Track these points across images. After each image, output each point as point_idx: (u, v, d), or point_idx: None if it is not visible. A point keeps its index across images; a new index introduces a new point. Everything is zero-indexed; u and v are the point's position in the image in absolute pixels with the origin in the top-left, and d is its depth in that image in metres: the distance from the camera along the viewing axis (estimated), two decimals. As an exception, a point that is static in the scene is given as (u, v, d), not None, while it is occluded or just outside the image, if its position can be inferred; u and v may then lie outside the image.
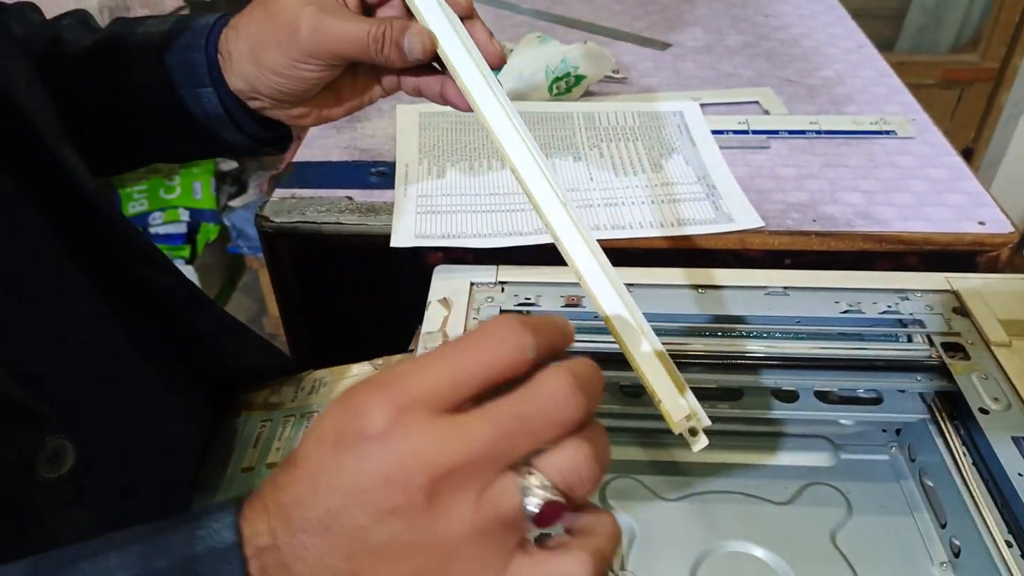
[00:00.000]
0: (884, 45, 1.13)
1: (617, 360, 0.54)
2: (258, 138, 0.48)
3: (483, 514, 0.24)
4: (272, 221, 0.62)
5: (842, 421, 0.58)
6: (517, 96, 0.78)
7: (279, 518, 0.25)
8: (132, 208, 1.86)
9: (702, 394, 0.55)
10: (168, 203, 1.88)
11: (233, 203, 1.90)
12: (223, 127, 0.46)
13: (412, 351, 0.54)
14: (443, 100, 0.46)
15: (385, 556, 0.24)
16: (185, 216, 1.87)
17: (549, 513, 0.25)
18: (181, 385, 0.50)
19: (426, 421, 0.24)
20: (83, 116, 0.47)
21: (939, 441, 0.52)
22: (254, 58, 0.44)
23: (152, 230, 1.84)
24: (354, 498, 0.24)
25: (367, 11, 0.46)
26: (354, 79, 0.48)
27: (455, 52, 0.43)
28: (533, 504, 0.24)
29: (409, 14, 0.44)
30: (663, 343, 0.54)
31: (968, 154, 2.21)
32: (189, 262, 1.83)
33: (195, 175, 1.91)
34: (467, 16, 0.44)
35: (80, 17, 0.52)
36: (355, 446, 0.24)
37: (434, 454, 0.24)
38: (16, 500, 0.35)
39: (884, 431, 0.58)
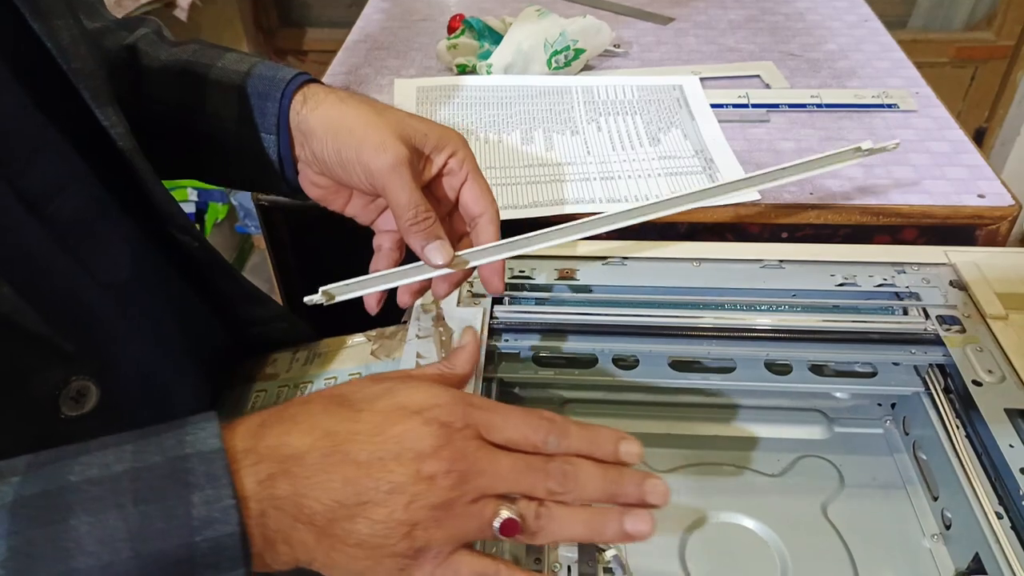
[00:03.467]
0: (897, 23, 1.12)
1: (613, 333, 0.54)
2: (295, 189, 0.52)
3: (473, 509, 0.33)
4: (268, 195, 0.62)
5: (836, 394, 0.58)
6: (516, 70, 0.78)
7: (317, 438, 0.32)
8: (141, 188, 1.88)
9: (695, 367, 0.55)
10: (177, 184, 1.88)
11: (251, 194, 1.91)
12: (272, 172, 0.50)
13: (405, 323, 0.54)
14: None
15: (393, 502, 0.32)
16: (193, 196, 1.87)
17: (508, 528, 0.34)
18: (206, 345, 0.53)
19: (478, 437, 0.34)
20: (149, 123, 0.50)
21: (933, 414, 0.52)
22: (326, 139, 0.46)
23: (161, 210, 1.85)
24: (409, 456, 0.32)
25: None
26: (365, 203, 0.51)
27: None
28: (498, 521, 0.34)
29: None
30: (658, 315, 0.55)
31: (981, 134, 2.18)
32: (197, 242, 1.84)
33: (203, 155, 1.91)
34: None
35: (155, 28, 0.54)
36: (432, 425, 0.33)
37: (477, 460, 0.34)
38: (39, 435, 0.37)
39: (879, 405, 0.57)
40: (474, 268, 0.47)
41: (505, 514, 0.34)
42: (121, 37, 0.53)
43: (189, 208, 1.87)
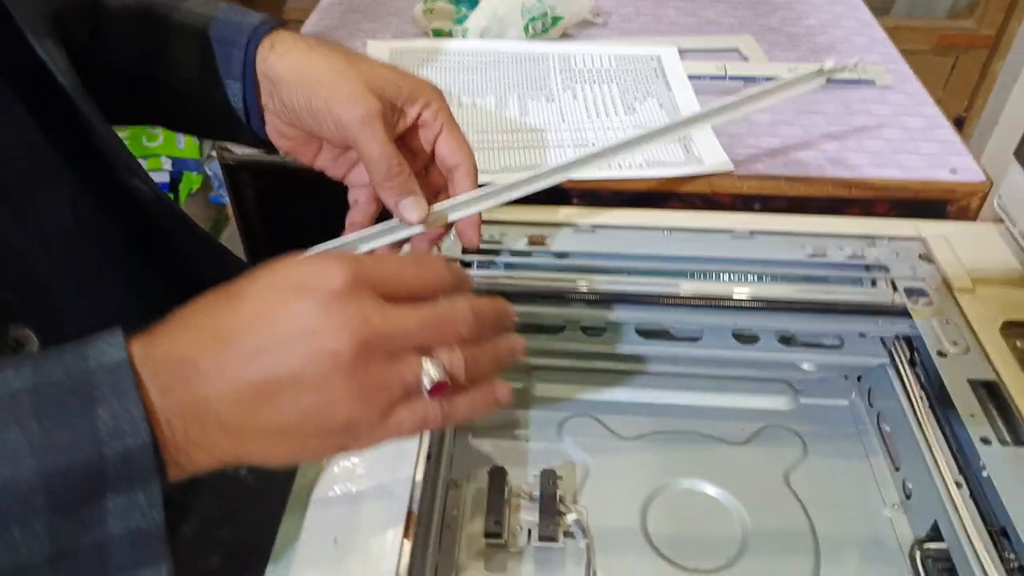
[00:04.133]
0: (880, 9, 1.12)
1: (580, 300, 0.54)
2: (261, 139, 0.50)
3: (392, 373, 0.32)
4: (233, 152, 0.61)
5: (803, 366, 0.57)
6: (491, 34, 0.76)
7: (204, 337, 0.30)
8: (114, 156, 1.84)
9: (661, 335, 0.55)
10: (151, 151, 1.85)
11: (216, 153, 1.88)
12: (236, 120, 0.48)
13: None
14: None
15: (299, 386, 0.30)
16: (168, 165, 1.84)
17: (438, 388, 0.33)
18: (157, 298, 0.50)
19: (374, 298, 0.31)
20: (109, 69, 0.48)
21: (897, 385, 0.52)
22: (295, 88, 0.45)
23: (134, 179, 1.82)
24: (301, 337, 0.30)
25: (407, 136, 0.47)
26: (335, 155, 0.49)
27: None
28: (427, 380, 0.32)
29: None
30: (627, 282, 0.54)
31: (960, 123, 2.19)
32: (171, 212, 1.82)
33: (178, 124, 1.88)
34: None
35: None
36: (316, 296, 0.30)
37: (377, 322, 0.31)
38: None
39: (845, 378, 0.58)
40: (452, 223, 0.46)
41: (432, 371, 0.32)
42: None
43: (163, 178, 1.84)
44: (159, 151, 1.85)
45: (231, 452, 0.31)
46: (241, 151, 0.61)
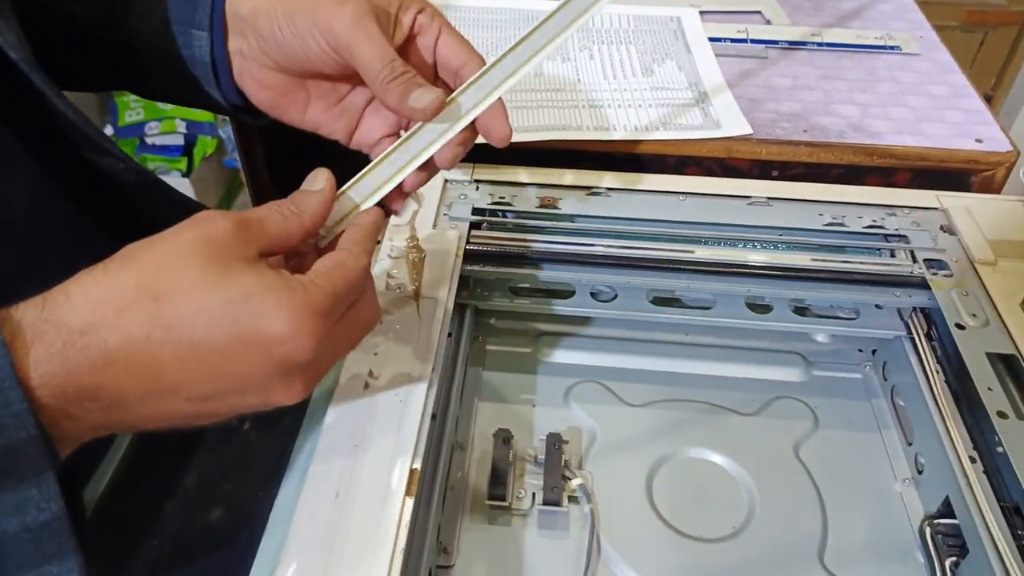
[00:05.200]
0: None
1: (592, 263, 0.53)
2: (233, 101, 0.45)
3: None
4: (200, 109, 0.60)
5: (817, 337, 0.57)
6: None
7: (136, 376, 0.28)
8: (128, 117, 1.84)
9: (673, 302, 0.54)
10: (164, 114, 1.85)
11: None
12: (205, 78, 0.43)
13: (378, 242, 0.52)
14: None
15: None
16: (182, 128, 1.84)
17: None
18: None
19: (317, 341, 0.31)
20: (74, 27, 0.45)
21: (913, 358, 0.51)
22: (273, 13, 0.40)
23: (149, 140, 1.81)
24: (248, 390, 0.30)
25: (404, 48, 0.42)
26: (328, 105, 0.44)
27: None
28: None
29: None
30: (639, 247, 0.53)
31: (988, 100, 2.15)
32: (185, 175, 1.81)
33: (192, 86, 1.87)
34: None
35: None
36: (266, 355, 0.30)
37: (321, 371, 0.33)
38: None
39: (860, 351, 0.57)
40: (470, 123, 0.41)
41: None
42: None
43: (177, 140, 1.83)
44: (173, 114, 1.84)
45: (146, 415, 0.30)
46: (250, 106, 0.60)
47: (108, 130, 1.79)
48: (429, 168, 0.41)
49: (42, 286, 0.29)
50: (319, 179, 0.36)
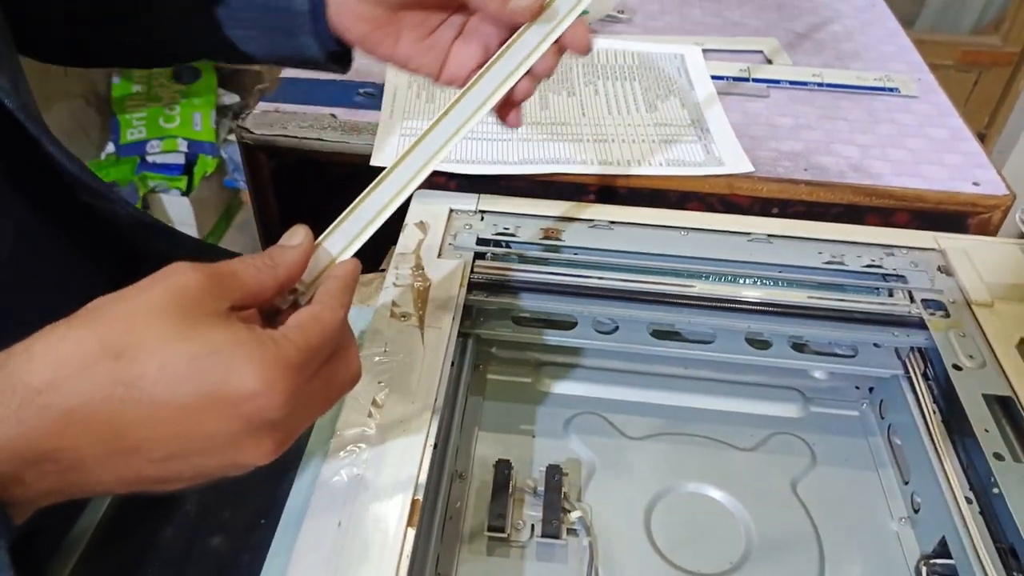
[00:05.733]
0: (906, 22, 1.10)
1: (594, 296, 0.53)
2: (327, 46, 0.46)
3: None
4: (252, 132, 0.61)
5: (815, 374, 0.57)
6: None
7: (95, 435, 0.27)
8: (130, 135, 1.84)
9: (674, 336, 0.55)
10: (167, 132, 1.86)
11: (232, 137, 1.88)
12: (302, 26, 0.44)
13: (383, 270, 0.53)
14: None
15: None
16: (183, 146, 1.84)
17: None
18: None
19: (288, 400, 0.29)
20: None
21: (910, 397, 0.51)
22: None
23: (150, 158, 1.82)
24: (214, 451, 0.29)
25: None
26: (418, 38, 0.45)
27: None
28: None
29: None
30: (641, 280, 0.54)
31: (980, 139, 2.18)
32: (185, 193, 1.81)
33: (196, 106, 1.88)
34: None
35: None
36: (232, 413, 0.28)
37: (292, 434, 0.31)
38: None
39: (857, 388, 0.57)
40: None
41: None
42: None
43: (178, 159, 1.84)
44: (175, 132, 1.85)
45: (105, 478, 0.29)
46: (260, 131, 0.61)
47: (110, 147, 1.80)
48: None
49: (23, 329, 0.28)
50: (297, 234, 0.35)
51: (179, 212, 1.78)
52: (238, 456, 0.29)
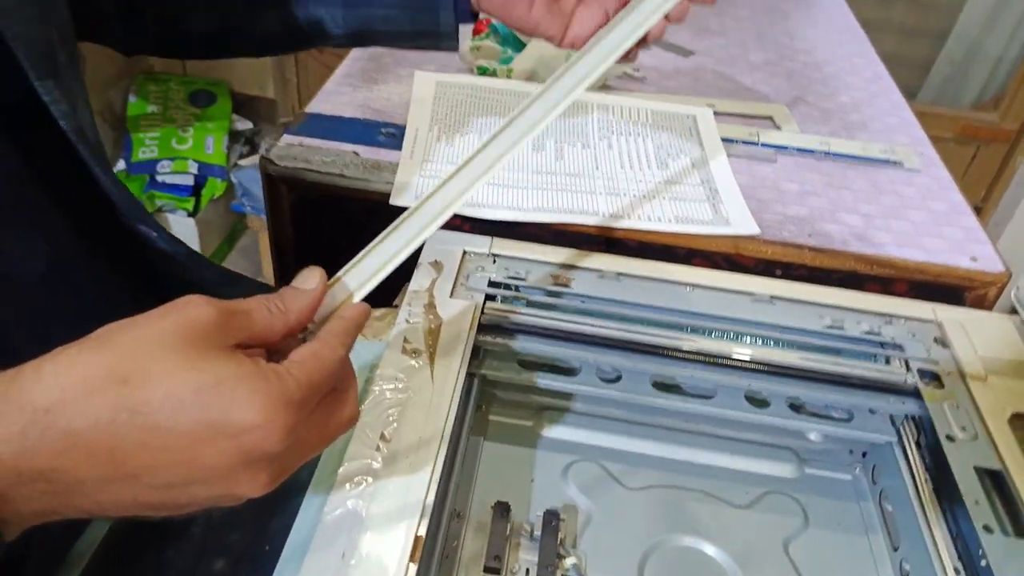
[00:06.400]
0: (908, 93, 1.13)
1: (600, 344, 0.55)
2: (462, 21, 0.50)
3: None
4: (276, 164, 0.62)
5: (810, 436, 0.58)
6: (535, 78, 0.78)
7: (96, 460, 0.27)
8: (142, 154, 1.87)
9: (675, 389, 0.56)
10: (178, 153, 1.88)
11: (243, 162, 1.91)
12: (443, 3, 0.49)
13: (396, 307, 0.54)
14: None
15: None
16: (193, 168, 1.87)
17: None
18: None
19: (286, 434, 0.30)
20: None
21: (903, 465, 0.52)
22: None
23: (159, 178, 1.84)
24: (212, 481, 0.29)
25: None
26: (548, 3, 0.50)
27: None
28: None
29: None
30: (646, 332, 0.55)
31: (977, 212, 2.22)
32: (192, 215, 1.83)
33: (209, 130, 1.91)
34: None
35: None
36: (232, 444, 0.29)
37: (287, 468, 0.32)
38: None
39: (851, 452, 0.58)
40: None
41: None
42: None
43: (187, 180, 1.86)
44: (187, 154, 1.88)
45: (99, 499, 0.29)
46: (284, 163, 0.63)
47: (120, 164, 1.82)
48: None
49: (49, 346, 0.29)
50: (311, 279, 0.36)
51: (184, 232, 1.80)
52: (233, 487, 0.30)
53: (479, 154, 0.43)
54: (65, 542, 0.43)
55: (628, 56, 0.47)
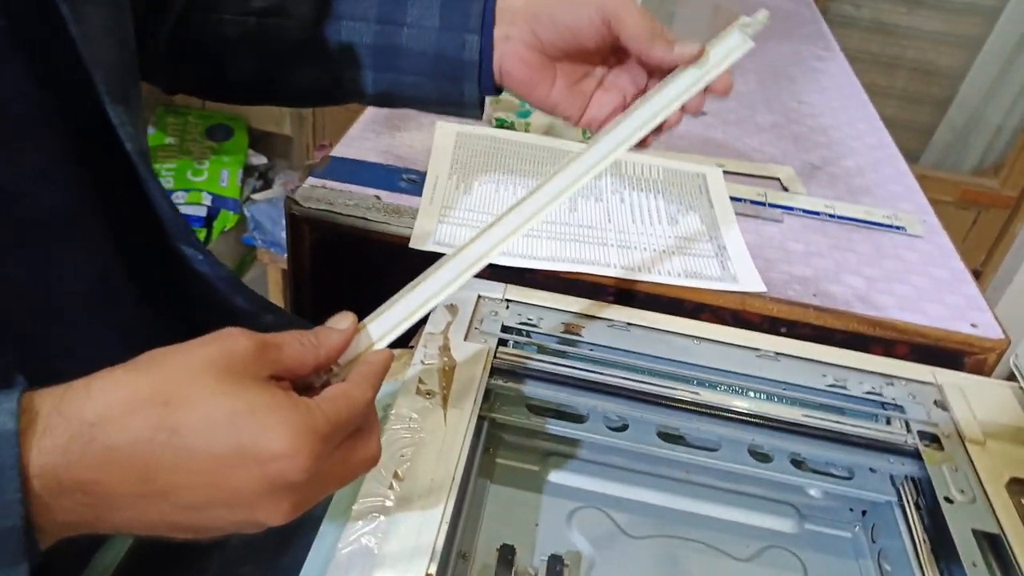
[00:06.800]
0: (910, 157, 1.17)
1: (607, 392, 0.56)
2: (486, 92, 0.52)
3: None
4: (300, 205, 0.65)
5: (811, 492, 0.59)
6: (550, 133, 0.81)
7: (128, 475, 0.29)
8: (157, 184, 1.90)
9: (680, 440, 0.57)
10: (193, 185, 1.91)
11: (256, 196, 1.94)
12: (467, 74, 0.50)
13: (412, 348, 0.56)
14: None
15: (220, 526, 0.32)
16: (207, 200, 1.90)
17: None
18: None
19: (310, 464, 0.32)
20: (342, 41, 0.51)
21: (902, 525, 0.53)
22: None
23: (172, 208, 1.87)
24: (236, 507, 0.31)
25: None
26: (568, 85, 0.51)
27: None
28: None
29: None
30: (653, 383, 0.56)
31: (976, 276, 2.24)
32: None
33: (224, 163, 1.95)
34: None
35: None
36: (258, 471, 0.31)
37: (309, 499, 0.33)
38: None
39: (851, 510, 0.59)
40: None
41: None
42: None
43: (200, 212, 1.89)
44: (201, 186, 1.91)
45: (130, 517, 0.31)
46: (308, 204, 0.65)
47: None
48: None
49: (89, 358, 0.31)
50: (345, 320, 0.38)
51: (194, 263, 1.82)
52: (255, 513, 0.31)
53: (508, 215, 0.46)
54: (73, 569, 0.44)
55: (644, 143, 0.49)
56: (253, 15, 0.53)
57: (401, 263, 0.64)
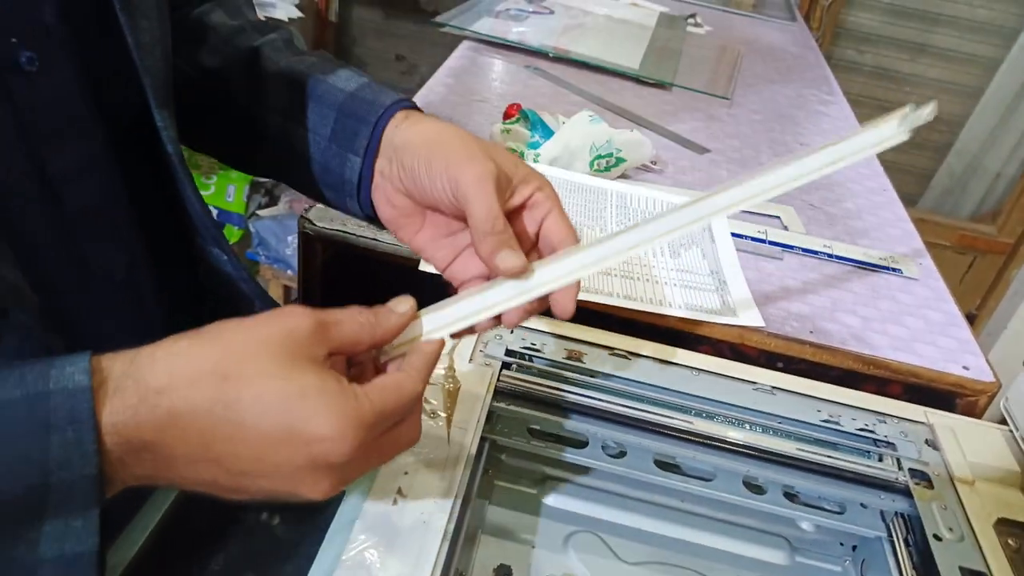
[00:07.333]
0: (908, 201, 1.18)
1: (607, 419, 0.57)
2: (367, 212, 0.51)
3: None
4: (314, 224, 0.66)
5: (803, 525, 0.60)
6: (560, 164, 0.83)
7: (188, 439, 0.32)
8: (165, 196, 1.92)
9: (676, 468, 0.58)
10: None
11: (262, 212, 1.96)
12: (349, 191, 0.50)
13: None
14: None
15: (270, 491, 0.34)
16: (212, 214, 1.92)
17: None
18: None
19: (356, 449, 0.34)
20: (256, 125, 0.52)
21: (891, 561, 0.54)
22: (419, 150, 0.46)
23: (178, 221, 1.89)
24: (282, 478, 0.33)
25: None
26: (437, 235, 0.49)
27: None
28: None
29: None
30: (652, 411, 0.58)
31: (970, 320, 2.26)
32: (205, 259, 1.87)
33: (231, 179, 1.97)
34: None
35: (285, 36, 0.56)
36: (306, 451, 0.33)
37: (350, 476, 0.35)
38: None
39: (841, 544, 0.60)
40: (545, 294, 0.43)
41: None
42: (252, 38, 0.54)
43: (205, 225, 1.91)
44: (208, 200, 1.93)
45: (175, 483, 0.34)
46: (321, 224, 0.67)
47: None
48: (498, 320, 0.44)
49: (126, 345, 0.33)
50: (404, 304, 0.40)
51: (197, 276, 1.84)
52: (297, 487, 0.34)
53: (582, 251, 0.44)
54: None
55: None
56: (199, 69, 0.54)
57: (410, 282, 0.65)
